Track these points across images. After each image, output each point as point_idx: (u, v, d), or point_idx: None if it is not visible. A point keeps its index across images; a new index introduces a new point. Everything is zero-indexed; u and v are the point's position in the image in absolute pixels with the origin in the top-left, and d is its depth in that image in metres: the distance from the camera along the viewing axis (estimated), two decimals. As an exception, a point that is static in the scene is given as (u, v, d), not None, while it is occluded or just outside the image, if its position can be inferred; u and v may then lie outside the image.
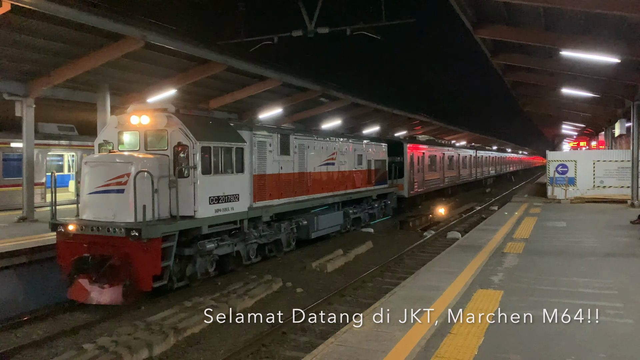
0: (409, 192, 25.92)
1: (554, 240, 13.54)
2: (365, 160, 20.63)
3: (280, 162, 14.60)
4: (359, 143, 20.64)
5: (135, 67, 14.70)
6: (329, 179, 17.62)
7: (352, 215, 19.30)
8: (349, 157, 19.24)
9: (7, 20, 10.51)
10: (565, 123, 41.36)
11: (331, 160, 17.77)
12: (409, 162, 25.78)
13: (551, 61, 17.08)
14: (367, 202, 20.81)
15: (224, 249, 12.15)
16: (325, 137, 17.89)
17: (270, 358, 7.93)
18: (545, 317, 7.16)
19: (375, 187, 21.56)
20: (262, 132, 14.00)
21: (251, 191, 13.08)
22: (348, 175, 19.11)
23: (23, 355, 7.88)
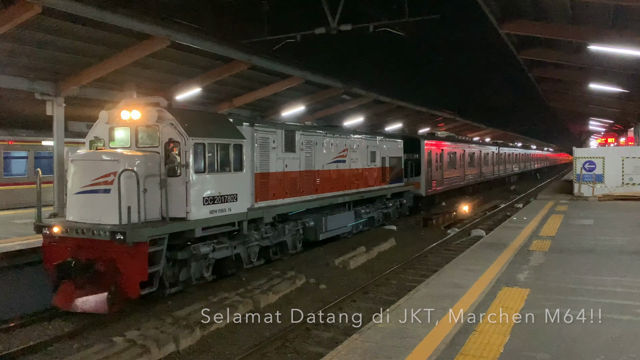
0: (427, 191, 25.00)
1: (582, 238, 13.33)
2: (379, 158, 19.81)
3: (285, 160, 13.92)
4: (373, 139, 19.78)
5: (161, 66, 14.93)
6: (339, 177, 16.85)
7: (365, 215, 18.50)
8: (362, 154, 18.47)
9: (38, 22, 10.79)
10: (592, 119, 40.49)
11: (342, 157, 16.99)
12: (426, 160, 24.82)
13: (578, 56, 16.74)
14: (381, 201, 20.04)
15: (221, 252, 11.46)
16: (335, 134, 17.06)
17: (295, 353, 8.00)
18: (573, 315, 7.08)
19: (389, 186, 20.75)
20: (264, 127, 13.29)
21: (252, 190, 12.45)
22: (360, 173, 18.35)
23: (56, 348, 8.10)
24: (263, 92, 19.30)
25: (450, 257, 12.97)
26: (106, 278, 9.24)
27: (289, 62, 17.75)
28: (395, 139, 22.33)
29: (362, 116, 26.96)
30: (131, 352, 7.52)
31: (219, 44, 14.27)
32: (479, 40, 32.03)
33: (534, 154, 68.63)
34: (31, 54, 12.33)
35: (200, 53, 14.35)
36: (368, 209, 18.78)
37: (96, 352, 7.53)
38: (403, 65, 37.03)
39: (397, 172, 21.53)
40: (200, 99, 18.09)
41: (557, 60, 18.31)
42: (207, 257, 11.03)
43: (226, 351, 8.10)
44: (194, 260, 10.74)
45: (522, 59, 18.27)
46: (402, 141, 22.56)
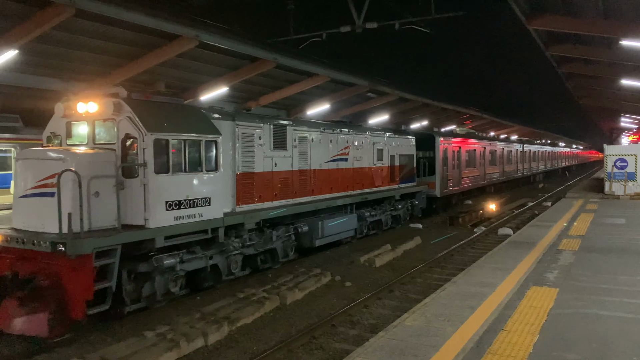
0: (442, 191, 23.26)
1: (613, 237, 13.06)
2: (387, 156, 18.41)
3: (275, 158, 12.66)
4: (380, 136, 18.24)
5: (189, 66, 15.15)
6: (339, 177, 15.50)
7: (370, 218, 17.09)
8: (367, 152, 17.09)
9: (72, 24, 11.08)
10: (624, 116, 39.49)
11: (343, 155, 15.66)
12: (441, 157, 23.13)
13: (609, 51, 16.37)
14: (389, 202, 18.56)
15: (192, 264, 10.13)
16: (335, 130, 15.55)
17: (321, 350, 8.06)
18: (604, 316, 6.98)
19: (399, 186, 19.26)
20: (248, 122, 11.90)
21: (233, 193, 11.26)
22: (365, 173, 16.97)
23: (89, 341, 8.32)
24: (289, 91, 19.42)
25: (477, 256, 12.87)
26: (47, 296, 8.01)
27: (315, 60, 17.82)
28: (406, 135, 20.80)
29: (387, 114, 26.85)
30: (161, 346, 7.68)
31: (245, 43, 14.42)
32: (506, 36, 31.46)
33: (562, 151, 66.58)
34: (65, 55, 12.66)
35: (227, 52, 14.52)
36: (374, 212, 17.46)
37: (128, 345, 7.72)
38: (429, 62, 36.70)
39: (408, 171, 20.15)
40: (227, 98, 18.29)
41: (587, 56, 17.95)
42: (175, 270, 9.67)
43: (253, 347, 8.20)
44: (158, 274, 9.39)
45: (550, 55, 17.97)
46: (414, 138, 21.13)
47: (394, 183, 18.95)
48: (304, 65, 17.26)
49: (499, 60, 41.28)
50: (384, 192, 18.00)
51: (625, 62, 17.10)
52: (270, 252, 12.76)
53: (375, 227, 17.79)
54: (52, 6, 10.02)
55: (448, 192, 24.24)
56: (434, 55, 35.29)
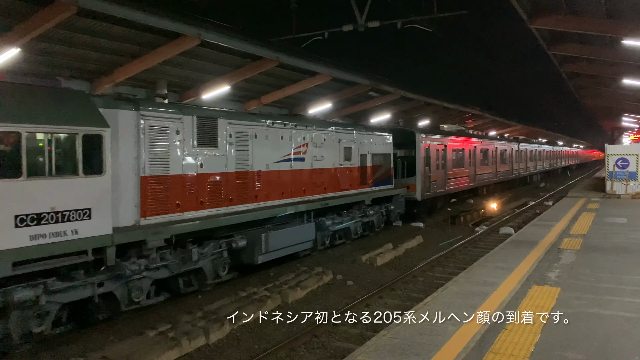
0: (423, 194, 20.81)
1: (614, 236, 13.06)
2: (356, 155, 16.41)
3: (201, 158, 10.51)
4: (348, 132, 16.27)
5: (192, 65, 15.13)
6: (293, 179, 13.43)
7: (334, 226, 14.90)
8: (330, 151, 15.07)
9: (74, 23, 11.08)
10: (625, 115, 39.45)
11: (298, 154, 13.66)
12: (423, 157, 20.88)
13: (612, 51, 16.35)
14: (359, 208, 16.50)
15: (72, 294, 8.11)
16: (288, 124, 13.46)
17: (323, 349, 8.08)
18: (606, 315, 6.98)
19: (371, 189, 17.19)
20: (159, 112, 9.75)
21: (137, 201, 9.09)
22: (327, 175, 14.87)
23: (91, 339, 8.34)
24: (291, 90, 19.39)
25: (479, 255, 12.87)
26: None
27: (317, 59, 17.79)
28: (381, 132, 18.76)
29: (390, 113, 26.82)
30: (163, 345, 7.71)
31: (247, 42, 14.40)
32: (508, 35, 31.49)
33: (562, 150, 64.84)
34: (67, 54, 12.65)
35: (229, 51, 14.50)
36: (340, 219, 15.33)
37: (130, 343, 7.74)
38: (431, 61, 36.73)
39: (383, 172, 18.15)
40: (229, 96, 18.28)
41: (589, 55, 17.93)
42: (39, 304, 7.59)
43: (255, 345, 8.22)
44: (13, 309, 7.36)
45: (553, 54, 17.95)
46: (390, 135, 19.04)
47: (365, 186, 16.90)
48: (306, 64, 17.22)
49: (502, 60, 41.32)
50: (351, 197, 15.90)
51: (627, 61, 17.09)
52: (197, 273, 10.69)
53: (344, 236, 15.97)
54: (55, 4, 10.00)
55: (431, 195, 21.87)
56: (437, 55, 35.34)
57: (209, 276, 10.75)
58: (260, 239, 11.62)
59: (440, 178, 22.85)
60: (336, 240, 15.55)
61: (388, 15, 15.55)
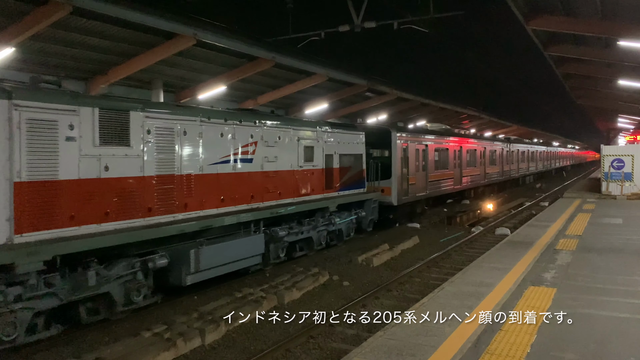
0: (400, 198, 19.02)
1: (610, 237, 13.10)
2: (320, 155, 14.54)
3: (105, 159, 8.65)
4: (310, 130, 14.33)
5: (187, 65, 15.12)
6: (238, 184, 11.49)
7: (290, 237, 13.01)
8: (287, 151, 13.23)
9: (68, 22, 11.04)
10: (621, 116, 39.62)
11: (245, 155, 11.78)
12: (400, 157, 19.10)
13: (608, 52, 16.40)
14: (323, 215, 14.51)
15: None
16: (230, 119, 11.46)
17: (319, 349, 8.05)
18: (602, 316, 6.99)
19: (338, 194, 15.30)
20: (40, 102, 7.85)
21: (9, 214, 7.31)
22: (283, 178, 13.03)
23: (86, 340, 8.29)
24: (287, 90, 19.39)
25: (475, 256, 12.88)
26: None
27: (313, 59, 17.80)
28: (352, 130, 16.91)
29: (386, 113, 26.87)
30: (158, 346, 7.66)
31: (243, 42, 14.39)
32: (504, 36, 31.51)
33: (556, 151, 63.19)
34: (61, 53, 12.61)
35: (225, 51, 14.49)
36: (299, 228, 13.40)
37: (125, 345, 7.69)
38: (427, 62, 36.75)
39: (354, 174, 16.31)
40: (226, 96, 18.25)
41: (585, 56, 17.99)
42: None
43: (251, 346, 8.19)
44: None
45: (549, 55, 18.00)
46: (363, 134, 17.18)
47: (331, 190, 15.03)
48: (302, 65, 17.23)
49: (498, 60, 41.37)
50: (312, 203, 13.94)
51: (622, 62, 17.15)
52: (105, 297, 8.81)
53: (306, 247, 14.15)
54: (49, 4, 9.97)
55: (409, 199, 20.02)
56: (433, 55, 35.36)
57: (118, 302, 8.88)
58: (188, 255, 9.71)
59: (420, 180, 21.04)
60: (295, 252, 13.68)
61: (384, 16, 15.58)
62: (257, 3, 20.56)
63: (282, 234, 12.56)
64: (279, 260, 12.85)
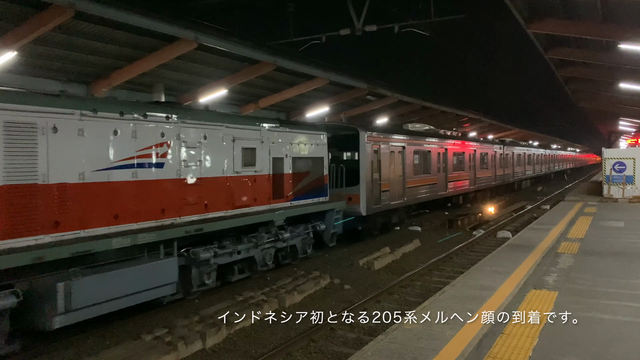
0: (370, 207, 16.73)
1: (612, 240, 13.07)
2: (265, 159, 12.19)
3: None
4: (251, 128, 11.95)
5: (188, 68, 15.15)
6: (141, 195, 9.12)
7: (219, 259, 10.68)
8: (217, 153, 10.84)
9: (71, 26, 11.07)
10: (622, 119, 39.63)
11: (152, 158, 9.39)
12: (370, 161, 16.88)
13: (608, 55, 16.42)
14: (269, 230, 12.18)
15: None
16: (127, 113, 9.00)
17: (320, 353, 8.03)
18: (604, 319, 6.97)
19: (289, 204, 12.97)
20: None
21: None
22: (211, 186, 10.63)
23: (87, 343, 8.29)
24: (288, 93, 19.42)
25: (477, 259, 12.86)
26: None
27: (314, 63, 17.84)
28: (310, 129, 14.53)
29: (387, 116, 26.89)
30: (159, 349, 7.65)
31: (245, 45, 14.43)
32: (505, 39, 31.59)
33: (556, 154, 60.91)
34: (63, 57, 12.64)
35: (226, 55, 14.52)
36: (232, 248, 11.04)
37: (126, 348, 7.69)
38: (428, 65, 36.82)
39: (312, 181, 14.09)
40: (227, 100, 18.29)
41: (586, 59, 18.02)
42: None
43: (252, 350, 8.18)
44: None
45: (549, 58, 18.03)
46: (324, 134, 14.86)
47: (281, 200, 12.76)
48: (303, 68, 17.27)
49: (498, 64, 41.47)
50: (252, 216, 11.57)
51: (623, 65, 17.16)
52: None
53: (248, 269, 12.05)
54: (52, 8, 10.01)
55: (382, 208, 17.78)
56: (434, 58, 35.44)
57: None
58: (54, 290, 7.39)
59: (396, 187, 18.70)
60: (233, 274, 11.57)
61: (385, 19, 15.62)
62: (258, 7, 20.62)
63: (205, 256, 10.16)
64: (206, 287, 10.51)
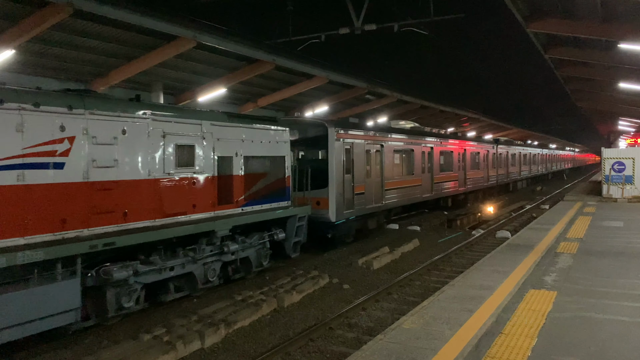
0: (341, 213, 14.93)
1: (611, 240, 13.06)
2: (208, 158, 10.53)
3: None
4: (188, 121, 10.12)
5: (187, 67, 15.14)
6: (29, 203, 7.49)
7: (143, 277, 9.05)
8: (140, 151, 9.09)
9: (69, 24, 11.05)
10: (621, 119, 39.66)
11: (50, 157, 7.80)
12: (341, 161, 15.00)
13: (608, 54, 16.42)
14: (212, 241, 10.53)
15: None
16: (8, 101, 7.31)
17: (319, 353, 8.01)
18: (603, 319, 6.96)
19: (239, 211, 11.34)
20: None
21: None
22: (133, 191, 8.94)
23: (85, 343, 8.26)
24: (287, 92, 19.41)
25: (476, 259, 12.86)
26: None
27: (313, 62, 17.82)
28: (268, 124, 12.56)
29: (386, 116, 26.88)
30: (158, 349, 7.63)
31: (243, 44, 14.41)
32: (505, 39, 31.54)
33: (553, 154, 59.49)
34: (62, 56, 12.62)
35: (225, 54, 14.51)
36: (161, 264, 9.38)
37: (124, 347, 7.66)
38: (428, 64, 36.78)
39: (271, 183, 12.44)
40: (226, 99, 18.27)
41: (585, 59, 18.01)
42: None
43: (250, 349, 8.15)
44: None
45: (549, 57, 18.01)
46: (287, 130, 13.12)
47: (230, 205, 11.12)
48: (302, 67, 17.25)
49: (498, 63, 41.43)
50: (189, 226, 9.86)
51: (623, 65, 17.15)
52: None
53: (186, 286, 10.43)
54: (50, 6, 9.99)
55: (356, 213, 15.86)
56: (433, 58, 35.39)
57: None
58: None
59: (373, 189, 16.88)
60: (167, 294, 10.02)
61: (385, 18, 15.59)
62: (257, 5, 20.58)
63: (120, 275, 8.43)
64: (126, 311, 8.87)
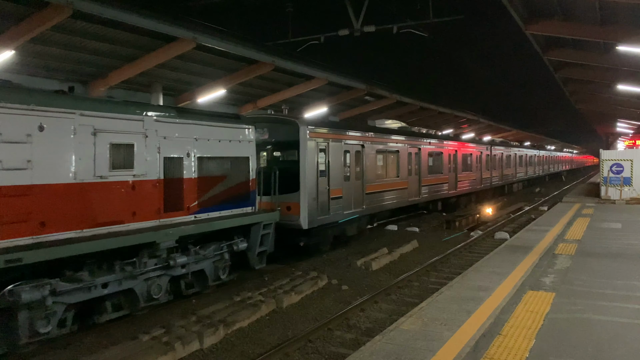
0: (314, 219, 13.82)
1: (609, 242, 13.09)
2: (152, 159, 9.42)
3: None
4: (126, 117, 8.97)
5: (187, 68, 15.15)
6: None
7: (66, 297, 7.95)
8: (62, 151, 7.98)
9: (69, 25, 11.06)
10: (620, 121, 39.74)
11: None
12: (314, 162, 13.94)
13: (606, 56, 16.45)
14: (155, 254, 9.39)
15: None
16: None
17: (317, 354, 8.03)
18: (601, 320, 6.98)
19: (191, 219, 10.27)
20: None
21: None
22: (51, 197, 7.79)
23: (84, 343, 8.27)
24: (286, 94, 19.44)
25: (474, 260, 12.88)
26: None
27: (312, 63, 17.85)
28: (229, 121, 11.45)
29: (385, 117, 26.92)
30: (156, 350, 7.64)
31: (243, 45, 14.44)
32: (504, 41, 31.56)
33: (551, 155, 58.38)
34: (61, 56, 12.63)
35: (224, 55, 14.53)
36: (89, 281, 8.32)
37: (123, 348, 7.67)
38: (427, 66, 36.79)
39: (232, 187, 11.39)
40: (225, 100, 18.29)
41: (584, 61, 18.05)
42: None
43: (249, 350, 8.17)
44: None
45: (548, 59, 18.05)
46: (251, 128, 11.95)
47: (180, 213, 10.05)
48: (302, 68, 17.28)
49: (497, 65, 41.43)
50: (121, 238, 8.64)
51: (621, 67, 17.19)
52: None
53: (125, 305, 9.38)
54: (50, 7, 10.00)
55: (332, 219, 14.73)
56: (432, 59, 35.40)
57: None
58: None
59: (351, 193, 15.67)
60: (103, 314, 8.97)
61: (384, 20, 15.62)
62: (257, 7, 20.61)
63: (29, 296, 7.32)
64: (44, 337, 7.70)
